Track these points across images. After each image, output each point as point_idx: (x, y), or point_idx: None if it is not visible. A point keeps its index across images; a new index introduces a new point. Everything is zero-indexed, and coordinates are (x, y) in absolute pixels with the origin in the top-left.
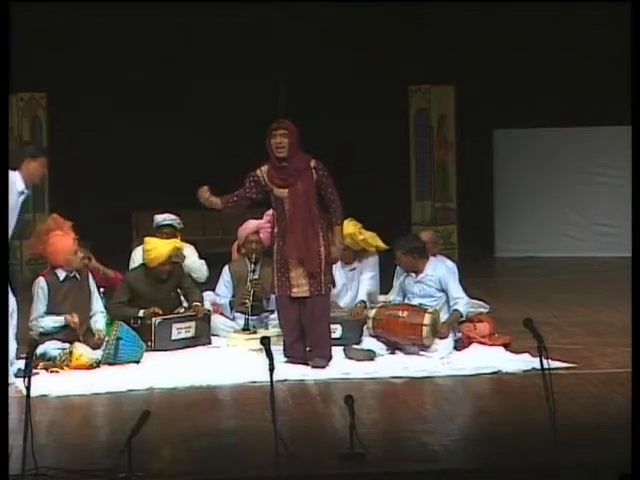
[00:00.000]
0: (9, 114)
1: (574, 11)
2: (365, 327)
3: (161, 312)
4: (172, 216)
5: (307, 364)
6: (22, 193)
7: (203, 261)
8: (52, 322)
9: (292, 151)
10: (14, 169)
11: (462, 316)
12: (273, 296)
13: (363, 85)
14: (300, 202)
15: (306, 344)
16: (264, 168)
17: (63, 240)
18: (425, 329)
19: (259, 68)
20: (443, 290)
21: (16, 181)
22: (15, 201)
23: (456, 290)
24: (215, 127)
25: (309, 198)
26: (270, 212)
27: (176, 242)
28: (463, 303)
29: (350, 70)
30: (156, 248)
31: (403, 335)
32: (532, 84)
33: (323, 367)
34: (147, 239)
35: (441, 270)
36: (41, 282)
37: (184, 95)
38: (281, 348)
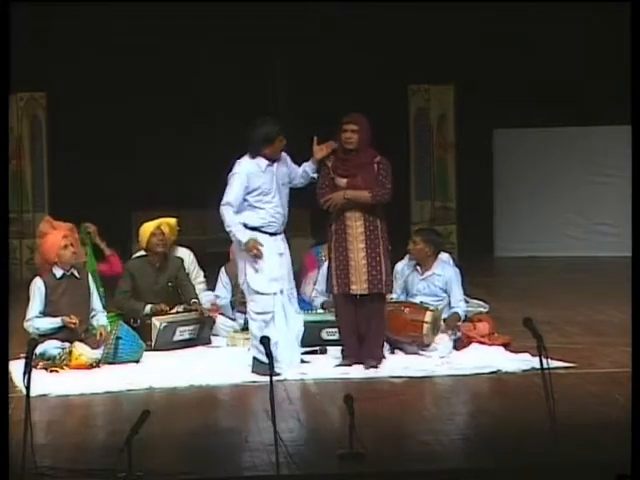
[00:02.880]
0: (9, 114)
1: (574, 11)
2: None
3: (167, 309)
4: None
5: (360, 363)
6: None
7: (201, 272)
8: (48, 323)
9: (360, 145)
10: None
11: (460, 319)
12: None
13: (363, 85)
14: None
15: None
16: (332, 158)
17: (52, 236)
18: (426, 326)
19: (259, 69)
20: (447, 291)
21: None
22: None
23: (459, 294)
24: (215, 127)
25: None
26: None
27: (166, 219)
28: (463, 308)
29: (350, 70)
30: (144, 225)
31: (404, 332)
32: (532, 84)
33: (375, 367)
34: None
35: (449, 272)
36: (38, 282)
37: (184, 95)
38: None
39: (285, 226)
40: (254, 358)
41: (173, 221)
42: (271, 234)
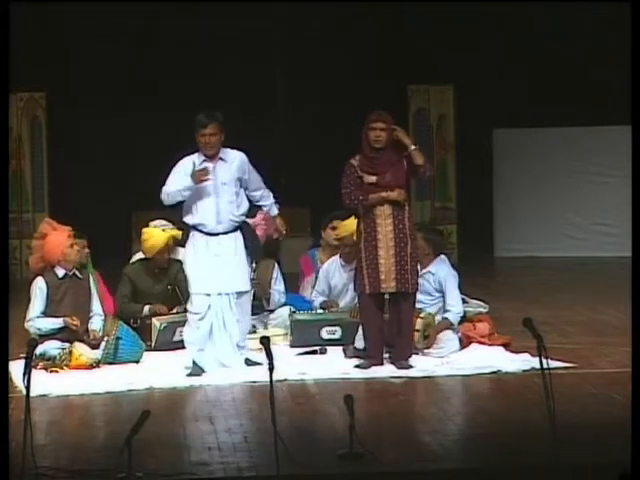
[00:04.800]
0: (9, 114)
1: (574, 11)
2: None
3: (165, 310)
4: (163, 222)
5: (381, 365)
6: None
7: None
8: (49, 324)
9: (388, 143)
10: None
11: (450, 325)
12: (275, 296)
13: (363, 85)
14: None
15: (390, 344)
16: (358, 157)
17: (56, 235)
18: (417, 334)
19: (259, 70)
20: (441, 291)
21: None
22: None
23: (452, 297)
24: None
25: (399, 188)
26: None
27: (173, 231)
28: (455, 312)
29: (350, 70)
30: (153, 237)
31: None
32: (532, 84)
33: (408, 368)
34: (144, 230)
35: (443, 271)
36: (39, 282)
37: (184, 95)
38: (280, 348)
39: (229, 227)
40: (193, 361)
41: (179, 234)
42: (206, 234)
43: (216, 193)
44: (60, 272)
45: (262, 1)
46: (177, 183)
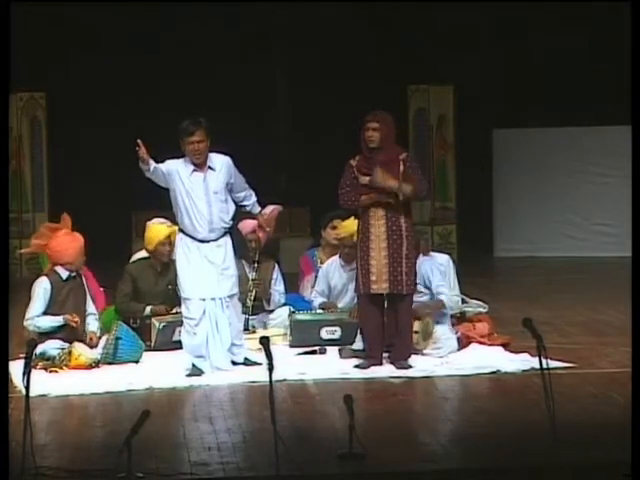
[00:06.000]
0: (9, 114)
1: (574, 11)
2: None
3: (166, 310)
4: (161, 220)
5: (381, 365)
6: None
7: None
8: (49, 322)
9: (383, 143)
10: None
11: (444, 306)
12: (275, 296)
13: (363, 85)
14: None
15: (389, 345)
16: (357, 157)
17: (76, 238)
18: (415, 336)
19: (258, 71)
20: (430, 287)
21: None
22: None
23: (439, 283)
24: (215, 126)
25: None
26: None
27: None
28: (446, 293)
29: (350, 70)
30: (154, 228)
31: None
32: (532, 84)
33: (408, 368)
34: (148, 223)
35: (424, 266)
36: (44, 282)
37: (184, 95)
38: (279, 348)
39: (220, 234)
40: (192, 364)
41: None
42: (199, 240)
43: (208, 203)
44: (64, 274)
45: (263, 1)
46: (163, 180)
